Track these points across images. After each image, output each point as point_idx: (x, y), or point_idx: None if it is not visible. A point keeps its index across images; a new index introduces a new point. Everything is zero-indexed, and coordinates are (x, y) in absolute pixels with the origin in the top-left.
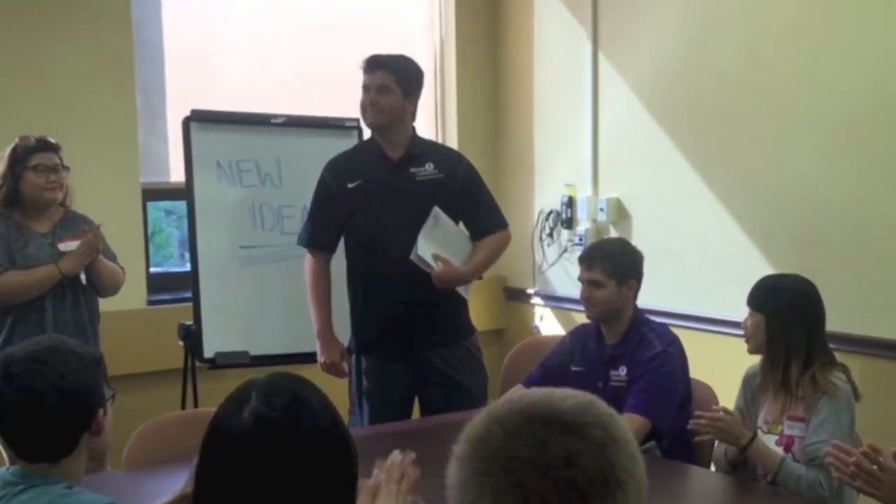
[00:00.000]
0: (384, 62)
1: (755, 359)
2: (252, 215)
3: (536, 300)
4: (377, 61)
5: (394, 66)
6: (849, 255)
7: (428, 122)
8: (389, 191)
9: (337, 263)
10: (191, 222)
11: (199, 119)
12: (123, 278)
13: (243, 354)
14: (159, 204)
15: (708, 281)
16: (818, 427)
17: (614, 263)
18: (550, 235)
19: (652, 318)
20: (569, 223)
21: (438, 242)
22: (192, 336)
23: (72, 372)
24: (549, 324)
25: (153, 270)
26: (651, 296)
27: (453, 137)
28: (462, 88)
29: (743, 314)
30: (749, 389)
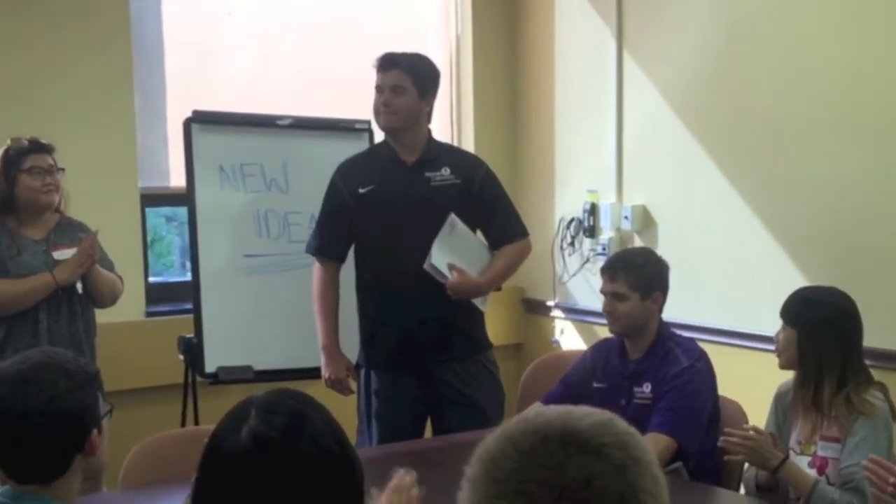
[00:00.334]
0: (399, 61)
1: (787, 375)
2: (257, 222)
3: (556, 313)
4: (391, 60)
5: (409, 65)
6: (890, 268)
7: (443, 125)
8: (403, 197)
9: (346, 273)
10: (192, 229)
11: (201, 120)
12: (122, 288)
13: (247, 369)
14: (159, 210)
15: (738, 293)
16: (854, 448)
17: (638, 275)
18: (572, 244)
19: (678, 332)
20: (591, 231)
21: (454, 251)
22: (193, 350)
23: (62, 393)
24: (570, 338)
25: (152, 280)
26: (677, 309)
27: (469, 141)
28: (479, 89)
29: (775, 328)
30: (781, 408)
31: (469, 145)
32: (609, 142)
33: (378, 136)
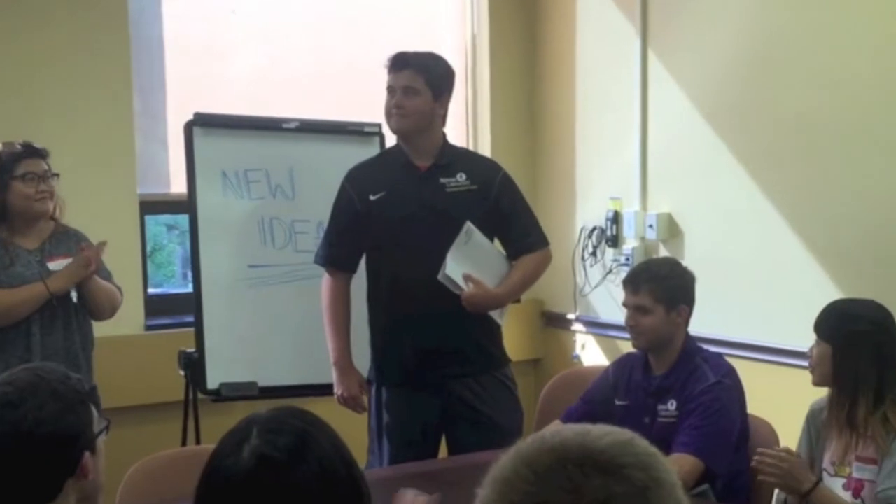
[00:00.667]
0: (412, 61)
1: (820, 392)
2: (261, 231)
3: (577, 327)
4: (404, 60)
5: (422, 65)
6: None
7: (458, 128)
8: (416, 204)
9: (356, 283)
10: (193, 238)
11: (203, 123)
12: (121, 299)
13: (251, 386)
14: (159, 218)
15: (769, 306)
16: (892, 470)
17: (663, 287)
18: (593, 255)
19: (705, 347)
20: (614, 241)
21: (470, 261)
22: (195, 365)
23: (50, 417)
24: (592, 353)
25: (151, 292)
26: (704, 322)
27: (486, 145)
28: (496, 91)
29: (808, 343)
30: (813, 427)
31: (485, 149)
32: (633, 146)
33: (389, 140)
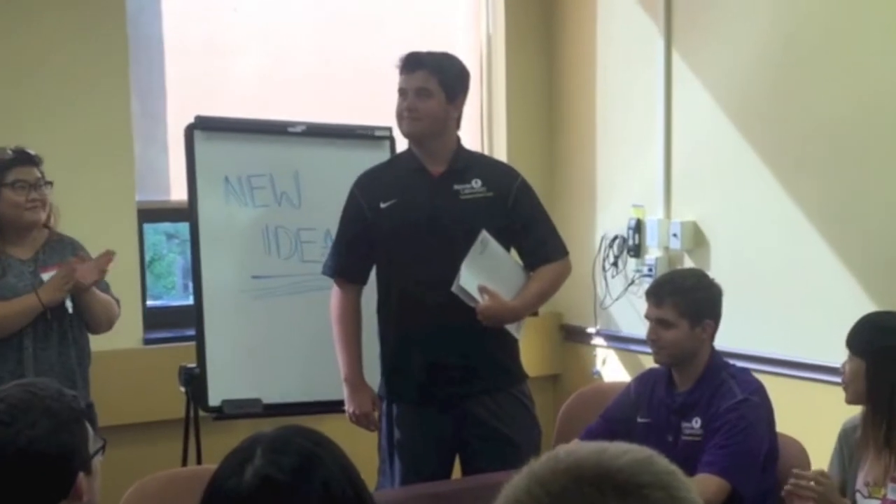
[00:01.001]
0: (425, 61)
1: (854, 410)
2: (266, 240)
3: (598, 341)
4: (417, 60)
5: (436, 66)
6: None
7: (472, 132)
8: (429, 212)
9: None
10: (194, 248)
11: (205, 127)
12: (118, 311)
13: (255, 403)
14: (158, 226)
15: (799, 319)
16: None
17: (687, 300)
18: (615, 265)
19: (732, 362)
20: (636, 251)
21: (485, 272)
22: (196, 381)
23: (43, 436)
24: (613, 368)
25: (150, 304)
26: (732, 336)
27: (502, 150)
28: (512, 92)
29: (840, 358)
30: (846, 446)
31: (501, 154)
32: (656, 151)
33: (401, 145)
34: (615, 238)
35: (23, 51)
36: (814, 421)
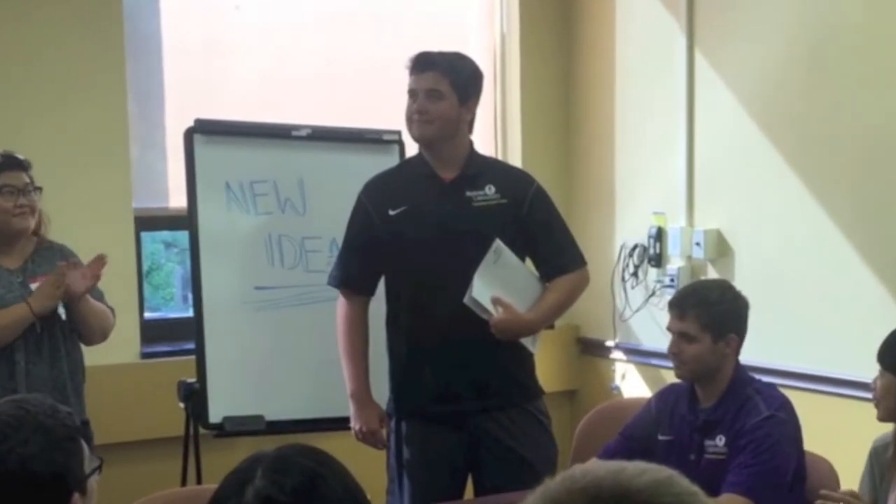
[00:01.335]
0: (436, 61)
1: (885, 428)
2: (269, 249)
3: (617, 355)
4: (427, 60)
5: (447, 66)
6: None
7: (485, 136)
8: (440, 219)
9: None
10: (194, 257)
11: (205, 130)
12: (113, 321)
13: (257, 420)
14: (156, 234)
15: (828, 332)
16: None
17: (711, 313)
18: (635, 275)
19: (757, 377)
20: (657, 260)
21: (499, 283)
22: (195, 397)
23: (36, 455)
24: (633, 383)
25: (148, 316)
26: (757, 350)
27: (516, 155)
28: (527, 95)
29: (871, 373)
30: (878, 465)
31: (516, 159)
32: (678, 156)
33: (411, 149)
34: (635, 247)
35: (11, 48)
36: (843, 439)
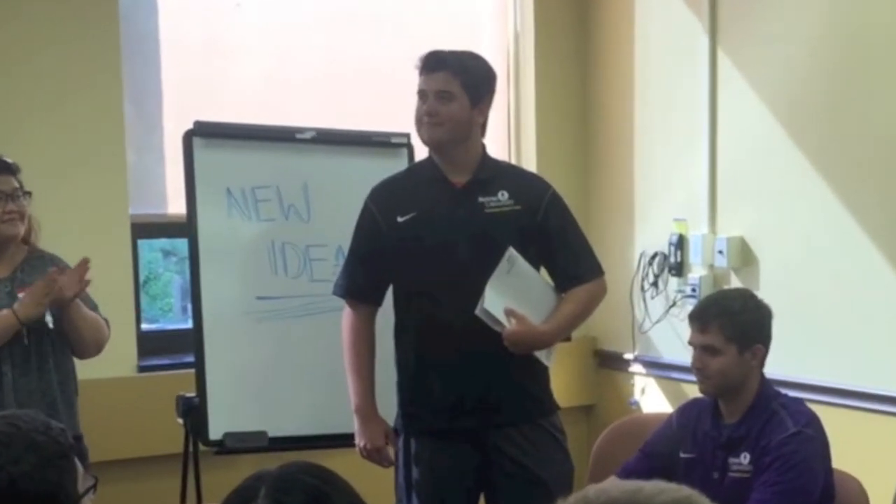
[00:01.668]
0: (447, 60)
1: None
2: (272, 257)
3: (636, 368)
4: (438, 59)
5: (459, 66)
6: None
7: (498, 140)
8: (451, 226)
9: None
10: (193, 266)
11: (205, 133)
12: (108, 333)
13: (260, 436)
14: (154, 242)
15: (857, 345)
16: None
17: (735, 323)
18: (655, 285)
19: (783, 392)
20: (678, 269)
21: (512, 293)
22: (195, 412)
23: (28, 473)
24: (653, 398)
25: (145, 328)
26: (783, 363)
27: (531, 159)
28: (542, 96)
29: None
30: None
31: (530, 164)
32: (700, 160)
33: (420, 153)
34: (655, 255)
35: (4, 50)
36: (873, 456)
